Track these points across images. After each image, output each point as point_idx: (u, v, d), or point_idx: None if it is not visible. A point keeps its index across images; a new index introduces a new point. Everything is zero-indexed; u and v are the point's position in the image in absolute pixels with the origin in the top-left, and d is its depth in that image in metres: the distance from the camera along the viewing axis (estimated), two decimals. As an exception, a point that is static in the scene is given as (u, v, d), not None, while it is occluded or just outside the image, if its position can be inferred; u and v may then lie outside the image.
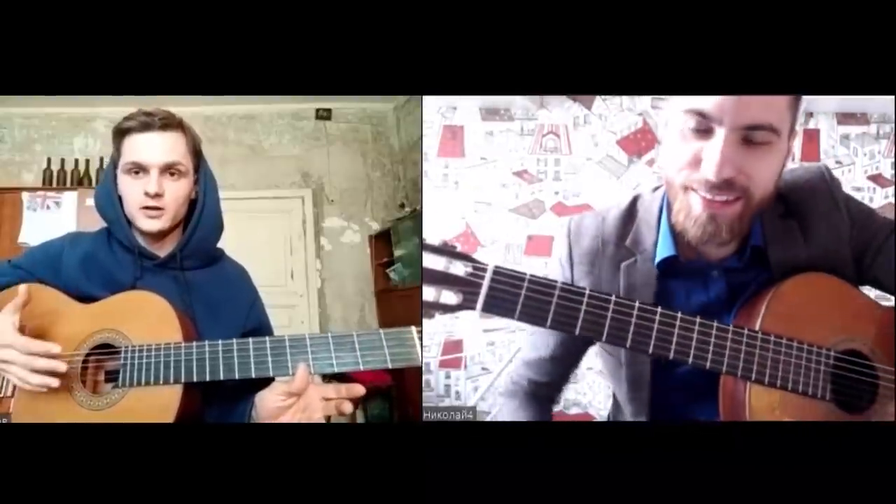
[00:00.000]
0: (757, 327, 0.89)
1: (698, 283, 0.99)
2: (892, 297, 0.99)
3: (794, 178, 1.00)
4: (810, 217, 0.97)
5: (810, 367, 0.89)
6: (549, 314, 0.84)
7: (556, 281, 0.85)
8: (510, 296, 0.83)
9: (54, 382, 0.96)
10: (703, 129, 0.87)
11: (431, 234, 0.89)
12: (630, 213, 1.03)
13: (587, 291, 0.85)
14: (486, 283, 0.83)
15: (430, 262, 0.83)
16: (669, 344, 0.85)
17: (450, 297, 0.83)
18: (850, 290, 0.96)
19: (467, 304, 0.83)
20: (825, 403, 0.90)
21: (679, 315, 0.86)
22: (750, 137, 0.86)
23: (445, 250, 0.84)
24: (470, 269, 0.83)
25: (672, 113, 0.91)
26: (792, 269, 0.95)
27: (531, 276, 0.84)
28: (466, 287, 0.83)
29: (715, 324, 0.87)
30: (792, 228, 0.97)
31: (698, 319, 0.87)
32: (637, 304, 0.85)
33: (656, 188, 1.04)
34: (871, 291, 1.00)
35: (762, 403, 0.89)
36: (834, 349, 0.91)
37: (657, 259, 0.98)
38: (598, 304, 0.85)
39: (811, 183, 1.00)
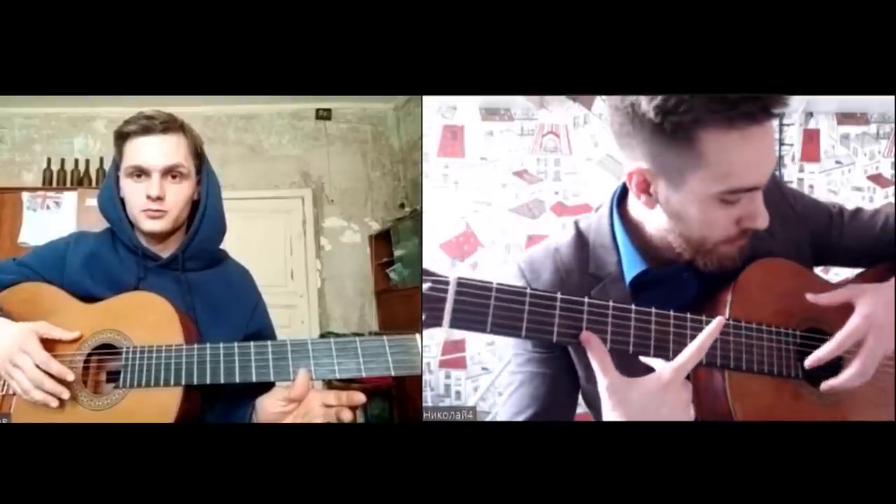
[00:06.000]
0: (727, 316, 0.90)
1: (672, 288, 0.98)
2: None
3: None
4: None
5: (780, 349, 0.91)
6: (522, 323, 0.79)
7: (525, 287, 0.81)
8: (479, 307, 0.77)
9: (53, 403, 0.96)
10: (734, 200, 0.88)
11: (432, 234, 0.86)
12: (581, 240, 1.01)
13: (559, 296, 0.81)
14: (450, 298, 0.76)
15: None
16: (648, 341, 0.85)
17: None
18: (805, 272, 1.00)
19: (432, 322, 0.77)
20: (795, 381, 0.92)
21: (653, 311, 0.86)
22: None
23: None
24: (429, 285, 0.76)
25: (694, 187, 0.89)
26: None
27: (498, 284, 0.79)
28: (429, 304, 0.76)
29: (689, 316, 0.87)
30: None
31: (672, 313, 0.87)
32: (611, 304, 0.84)
33: (596, 209, 1.04)
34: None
35: (740, 387, 0.90)
36: (797, 329, 0.94)
37: (629, 277, 0.97)
38: (572, 308, 0.82)
39: None
